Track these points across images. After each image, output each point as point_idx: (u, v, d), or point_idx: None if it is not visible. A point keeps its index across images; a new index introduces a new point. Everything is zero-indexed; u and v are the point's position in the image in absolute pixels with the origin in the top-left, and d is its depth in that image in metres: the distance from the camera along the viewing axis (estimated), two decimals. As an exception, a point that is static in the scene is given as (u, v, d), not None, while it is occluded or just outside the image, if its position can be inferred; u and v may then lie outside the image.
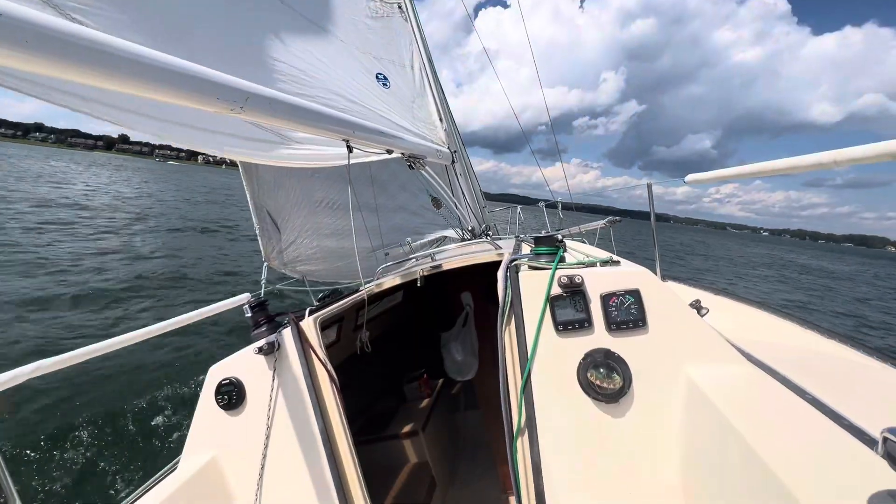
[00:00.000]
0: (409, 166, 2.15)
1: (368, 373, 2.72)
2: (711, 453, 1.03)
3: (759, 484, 0.82)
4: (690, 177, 1.69)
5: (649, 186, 2.22)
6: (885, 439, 0.60)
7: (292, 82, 2.02)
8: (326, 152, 1.85)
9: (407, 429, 2.38)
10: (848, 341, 1.60)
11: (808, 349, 1.62)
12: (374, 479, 1.66)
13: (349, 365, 2.51)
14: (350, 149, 1.63)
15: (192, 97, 0.92)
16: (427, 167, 2.33)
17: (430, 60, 3.06)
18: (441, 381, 2.96)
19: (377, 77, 2.57)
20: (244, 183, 2.61)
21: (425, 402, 2.73)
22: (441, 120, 2.90)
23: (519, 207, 5.52)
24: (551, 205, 5.11)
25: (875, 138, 0.98)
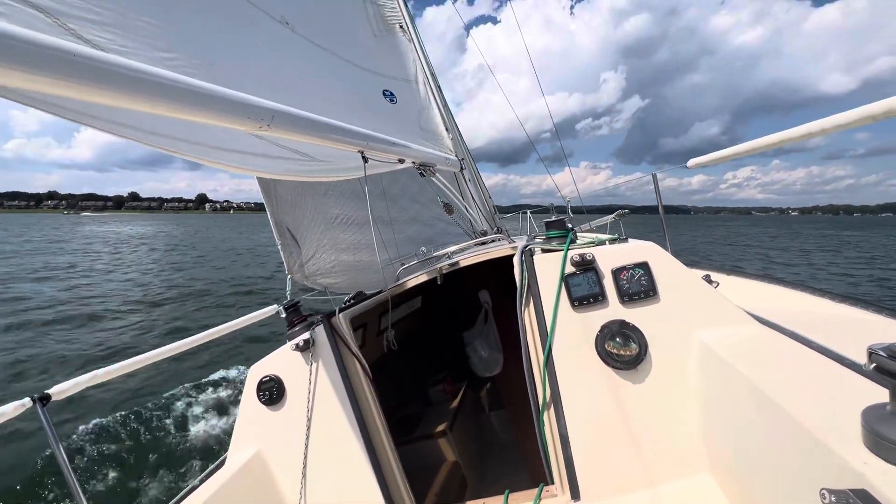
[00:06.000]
0: (421, 174, 2.24)
1: (393, 378, 2.79)
2: (725, 402, 1.09)
3: (769, 419, 0.87)
4: (692, 161, 1.75)
5: (654, 176, 2.28)
6: (871, 353, 0.66)
7: (304, 104, 2.15)
8: (342, 165, 1.96)
9: (434, 430, 2.43)
10: (859, 303, 1.63)
11: (818, 312, 1.65)
12: (407, 479, 1.72)
13: (373, 370, 2.59)
14: (365, 159, 1.73)
15: (226, 117, 1.03)
16: (437, 174, 2.43)
17: (433, 75, 3.19)
18: (465, 384, 3.01)
19: (384, 93, 2.70)
20: (264, 201, 2.75)
21: (450, 404, 2.77)
22: (447, 129, 3.01)
23: (529, 213, 5.60)
24: (560, 209, 5.18)
25: None
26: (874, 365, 0.65)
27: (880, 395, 0.72)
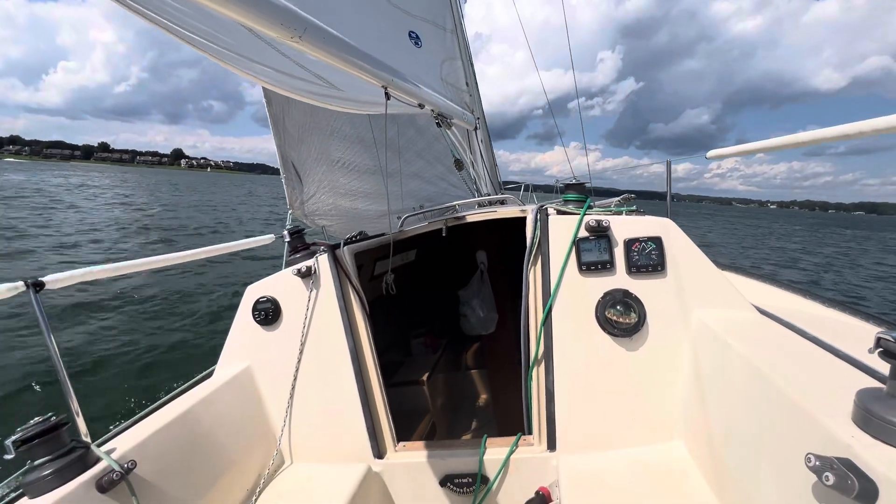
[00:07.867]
0: (438, 124, 2.19)
1: (380, 325, 2.84)
2: (715, 376, 1.13)
3: (758, 393, 0.91)
4: (712, 152, 1.75)
5: (668, 164, 2.27)
6: (879, 338, 0.69)
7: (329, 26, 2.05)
8: (362, 99, 1.89)
9: (413, 378, 2.49)
10: (847, 309, 1.69)
11: (810, 313, 1.71)
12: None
13: None
14: (388, 96, 1.68)
15: (258, 18, 0.98)
16: (453, 128, 2.38)
17: (461, 25, 3.06)
18: (445, 340, 3.07)
19: (409, 35, 2.59)
20: (272, 132, 2.69)
21: (430, 357, 2.84)
22: (467, 85, 2.93)
23: (531, 187, 5.58)
24: (571, 186, 5.18)
25: (880, 101, 1.04)
26: (880, 349, 0.68)
27: (873, 385, 0.75)
